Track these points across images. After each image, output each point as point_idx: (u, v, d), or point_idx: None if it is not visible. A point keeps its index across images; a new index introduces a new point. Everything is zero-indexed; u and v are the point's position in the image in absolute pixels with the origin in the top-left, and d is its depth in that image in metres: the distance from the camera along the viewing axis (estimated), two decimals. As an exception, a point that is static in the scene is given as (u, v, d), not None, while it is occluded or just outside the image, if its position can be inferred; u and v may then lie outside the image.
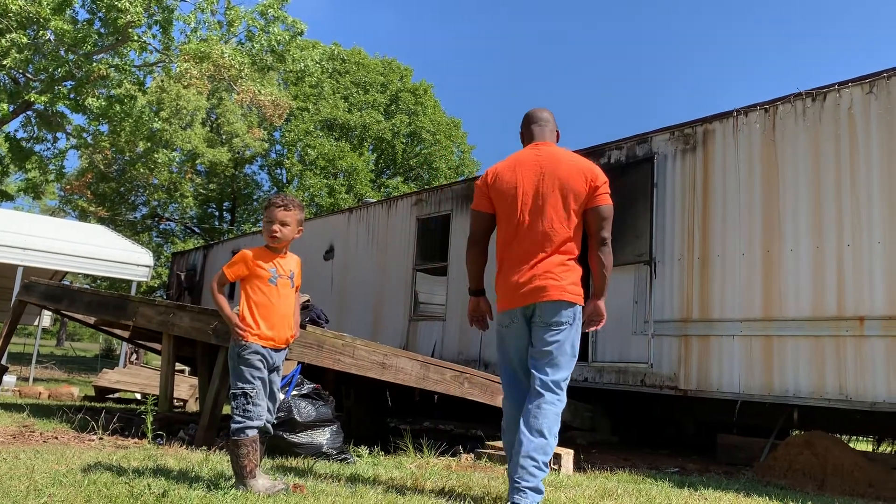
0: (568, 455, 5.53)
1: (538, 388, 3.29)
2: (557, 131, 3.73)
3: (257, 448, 3.40)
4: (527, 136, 3.69)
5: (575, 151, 8.81)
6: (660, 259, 7.37)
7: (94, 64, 16.47)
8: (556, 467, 5.40)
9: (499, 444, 5.80)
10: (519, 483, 3.12)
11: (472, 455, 5.72)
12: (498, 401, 6.30)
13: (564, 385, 3.38)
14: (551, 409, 3.25)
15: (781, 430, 6.87)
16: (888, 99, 6.01)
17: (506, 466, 5.12)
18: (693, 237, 7.16)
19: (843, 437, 7.06)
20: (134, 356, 16.55)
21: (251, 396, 3.44)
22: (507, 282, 3.44)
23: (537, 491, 3.12)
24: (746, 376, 6.52)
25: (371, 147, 33.51)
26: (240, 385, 3.45)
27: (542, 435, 3.18)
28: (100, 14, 16.89)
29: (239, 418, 3.40)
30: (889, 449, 7.78)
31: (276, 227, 3.52)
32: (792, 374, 6.23)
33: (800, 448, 6.07)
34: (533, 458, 3.14)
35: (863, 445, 8.21)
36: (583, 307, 3.48)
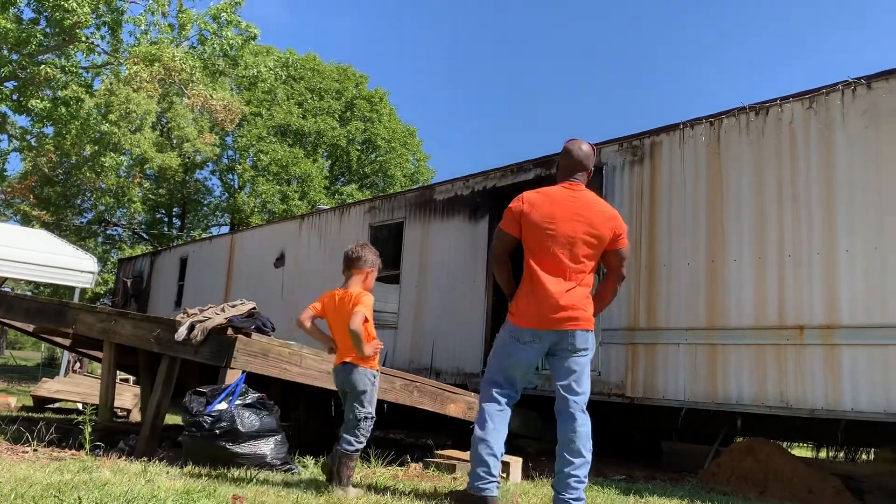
0: (516, 463, 5.53)
1: (572, 412, 3.75)
2: (590, 171, 4.11)
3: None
4: (563, 172, 4.07)
5: (527, 161, 8.88)
6: (608, 268, 7.45)
7: (42, 66, 16.01)
8: (504, 475, 5.39)
9: (448, 452, 5.78)
10: (565, 496, 3.65)
11: (421, 464, 5.68)
12: (448, 409, 6.29)
13: (587, 402, 3.85)
14: (585, 430, 3.74)
15: (726, 437, 7.00)
16: (826, 115, 6.20)
17: (453, 475, 5.11)
18: (640, 247, 7.27)
19: (785, 443, 7.23)
20: (77, 365, 16.09)
21: (373, 421, 4.06)
22: (540, 303, 3.76)
23: (579, 500, 3.68)
24: (691, 384, 6.63)
25: (325, 154, 33.29)
26: (371, 411, 4.05)
27: (582, 455, 3.70)
28: (45, 13, 16.45)
29: (362, 439, 3.99)
30: (827, 455, 7.99)
31: None
32: (735, 382, 6.36)
33: (742, 455, 6.19)
34: (576, 476, 3.67)
35: (803, 452, 8.42)
36: None
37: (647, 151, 7.44)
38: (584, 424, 3.73)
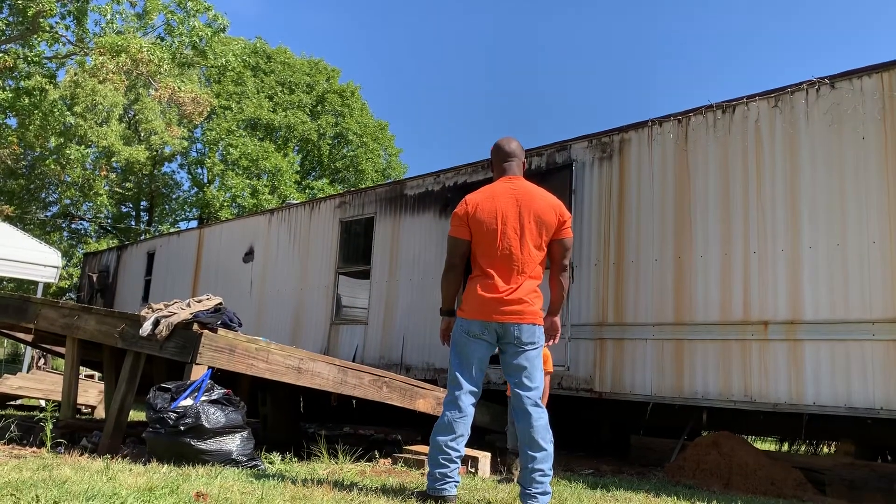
0: (485, 458, 5.56)
1: (526, 407, 3.74)
2: (524, 162, 4.13)
3: None
4: (497, 168, 4.09)
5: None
6: (577, 264, 7.50)
7: (3, 55, 15.65)
8: (472, 470, 5.41)
9: (417, 447, 5.77)
10: (531, 490, 3.64)
11: (389, 460, 5.68)
12: (417, 404, 6.28)
13: (541, 396, 3.84)
14: (542, 423, 3.72)
15: (692, 431, 7.09)
16: (791, 113, 6.29)
17: (422, 471, 5.10)
18: (609, 243, 7.32)
19: (749, 437, 7.34)
20: (42, 361, 15.79)
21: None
22: (485, 295, 3.79)
23: (545, 493, 3.68)
24: (658, 379, 6.69)
25: (296, 148, 33.00)
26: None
27: (543, 448, 3.69)
28: (8, 2, 16.08)
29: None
30: (790, 448, 8.13)
31: None
32: (701, 377, 6.44)
33: (707, 448, 6.27)
34: (540, 469, 3.66)
35: (767, 445, 8.56)
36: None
37: (616, 148, 7.49)
38: (539, 418, 3.74)
